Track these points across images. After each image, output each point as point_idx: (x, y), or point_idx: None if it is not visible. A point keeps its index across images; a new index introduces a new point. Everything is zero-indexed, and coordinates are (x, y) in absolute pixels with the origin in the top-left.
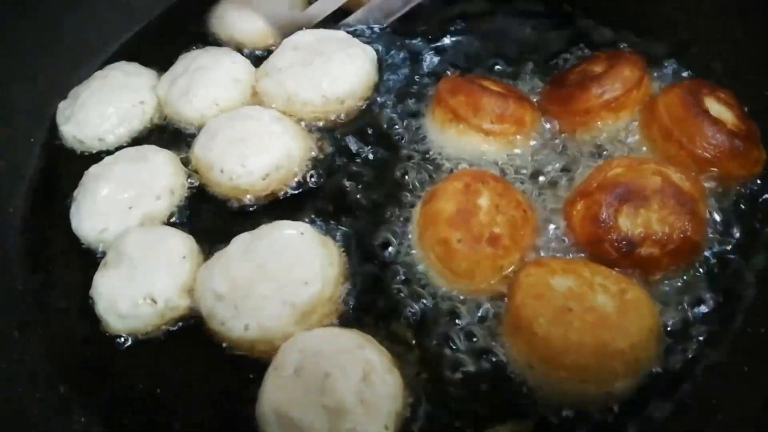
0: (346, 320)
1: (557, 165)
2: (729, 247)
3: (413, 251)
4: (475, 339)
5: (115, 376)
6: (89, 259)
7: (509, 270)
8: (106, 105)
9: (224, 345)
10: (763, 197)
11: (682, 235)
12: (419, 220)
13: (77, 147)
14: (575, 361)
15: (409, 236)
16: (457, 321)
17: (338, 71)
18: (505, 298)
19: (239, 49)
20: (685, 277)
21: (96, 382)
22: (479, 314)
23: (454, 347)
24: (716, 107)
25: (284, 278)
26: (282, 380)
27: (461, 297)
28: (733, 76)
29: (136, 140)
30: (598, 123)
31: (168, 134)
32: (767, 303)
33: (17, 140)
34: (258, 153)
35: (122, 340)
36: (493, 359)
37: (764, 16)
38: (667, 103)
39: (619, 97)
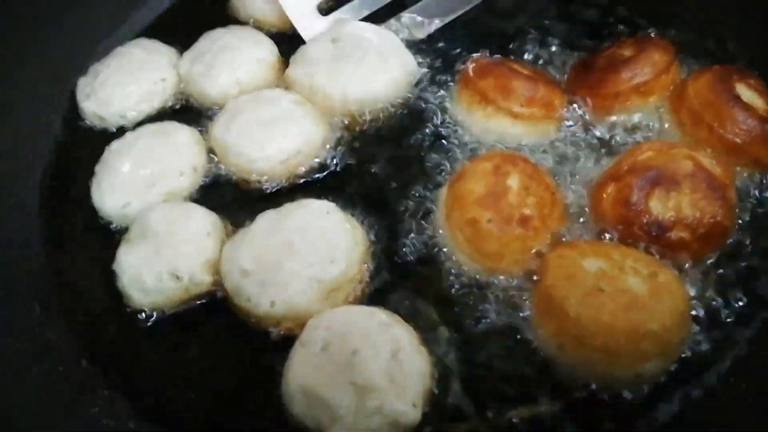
0: (370, 298)
1: (585, 148)
2: (756, 234)
3: (439, 231)
4: (502, 319)
5: (138, 352)
6: (110, 235)
7: (537, 251)
8: (127, 82)
9: (252, 321)
10: None
11: (712, 220)
12: (446, 200)
13: (98, 124)
14: (606, 342)
15: (435, 216)
16: (483, 301)
17: (368, 78)
18: (534, 278)
19: (260, 29)
20: (712, 262)
21: (119, 358)
22: (506, 294)
23: (480, 327)
24: (746, 93)
25: (311, 256)
26: (309, 357)
27: (487, 277)
28: (760, 63)
29: (157, 118)
30: (626, 107)
31: (189, 112)
32: None
33: (36, 116)
34: (277, 138)
35: (144, 315)
36: (519, 337)
37: None
38: (697, 88)
39: (648, 81)
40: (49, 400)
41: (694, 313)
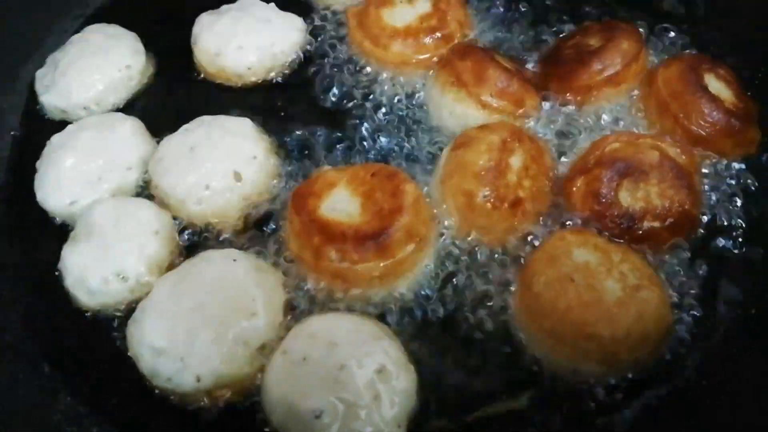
0: None
1: (553, 143)
2: (718, 227)
3: (433, 195)
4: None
5: (101, 355)
6: (68, 233)
7: (522, 232)
8: (89, 71)
9: (178, 400)
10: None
11: (680, 209)
12: (446, 163)
13: (59, 117)
14: (553, 326)
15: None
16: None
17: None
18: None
19: None
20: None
21: (80, 360)
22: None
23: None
24: (715, 84)
25: (228, 315)
26: (290, 367)
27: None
28: (732, 52)
29: (124, 108)
30: (597, 97)
31: (157, 99)
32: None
33: None
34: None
35: (107, 316)
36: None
37: None
38: (666, 77)
39: (619, 72)
40: (9, 405)
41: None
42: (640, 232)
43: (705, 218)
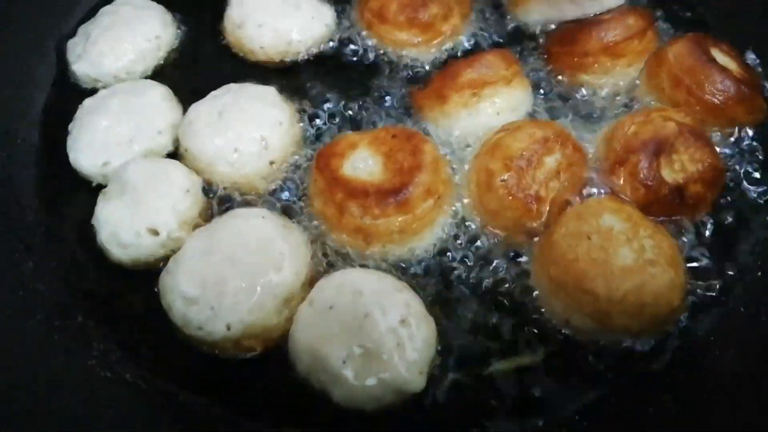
0: None
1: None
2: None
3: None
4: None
5: (131, 304)
6: (99, 191)
7: (528, 230)
8: (120, 41)
9: (207, 348)
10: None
11: (710, 164)
12: (486, 142)
13: (91, 84)
14: (558, 275)
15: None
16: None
17: None
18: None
19: None
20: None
21: (112, 310)
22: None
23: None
24: (721, 57)
25: (257, 268)
26: (316, 317)
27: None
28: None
29: (153, 76)
30: (596, 68)
31: (183, 69)
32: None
33: (21, 76)
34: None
35: (138, 270)
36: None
37: None
38: (675, 53)
39: (619, 42)
40: (46, 352)
41: None
42: (690, 200)
43: None
